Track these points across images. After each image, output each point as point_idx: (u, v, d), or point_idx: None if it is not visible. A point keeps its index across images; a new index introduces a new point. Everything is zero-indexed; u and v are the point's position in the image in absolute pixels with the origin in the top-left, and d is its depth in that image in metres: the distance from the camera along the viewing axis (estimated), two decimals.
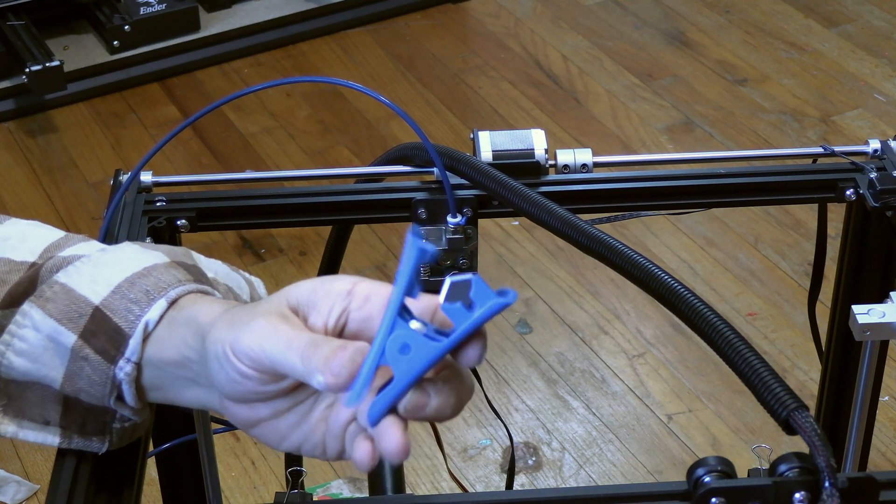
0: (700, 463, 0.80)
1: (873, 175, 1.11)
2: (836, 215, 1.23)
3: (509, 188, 1.06)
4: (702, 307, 0.87)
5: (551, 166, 1.15)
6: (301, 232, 2.52)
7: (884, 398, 2.12)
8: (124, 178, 1.11)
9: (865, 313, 0.99)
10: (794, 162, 1.19)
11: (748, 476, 1.04)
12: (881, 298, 1.01)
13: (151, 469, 1.08)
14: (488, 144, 1.14)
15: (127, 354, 0.78)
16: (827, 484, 0.76)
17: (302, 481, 1.35)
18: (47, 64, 2.73)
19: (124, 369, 0.78)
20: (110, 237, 1.06)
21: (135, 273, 0.80)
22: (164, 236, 1.10)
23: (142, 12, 2.95)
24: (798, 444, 0.78)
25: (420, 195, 1.12)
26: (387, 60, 3.04)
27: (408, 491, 1.84)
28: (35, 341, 0.80)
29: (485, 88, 2.93)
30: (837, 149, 1.16)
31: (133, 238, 1.06)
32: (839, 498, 0.76)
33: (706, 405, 2.13)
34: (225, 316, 0.74)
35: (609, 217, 1.20)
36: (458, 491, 1.93)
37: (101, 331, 0.78)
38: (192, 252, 0.85)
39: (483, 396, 1.37)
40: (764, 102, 2.84)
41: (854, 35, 3.06)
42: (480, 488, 2.00)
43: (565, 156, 1.15)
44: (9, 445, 2.09)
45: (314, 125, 2.83)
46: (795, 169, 1.16)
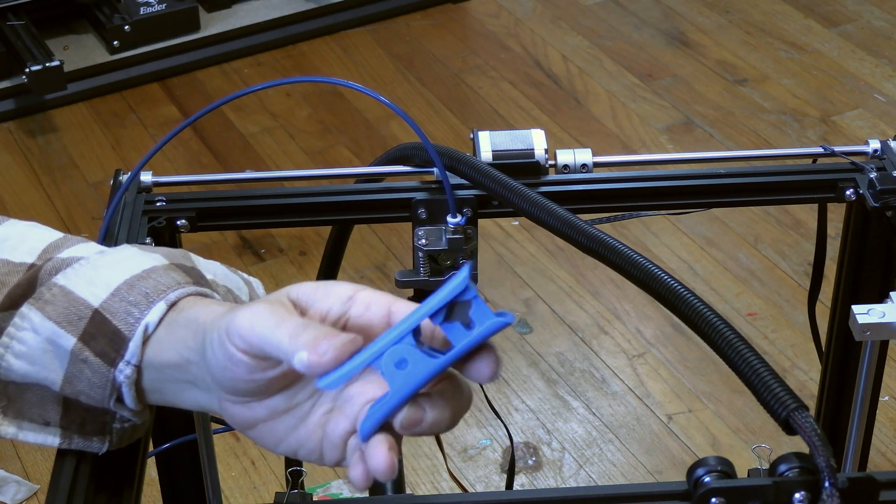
0: (700, 463, 0.80)
1: (873, 175, 1.11)
2: (836, 215, 1.23)
3: (509, 188, 1.06)
4: (702, 307, 0.87)
5: (551, 166, 1.15)
6: (301, 232, 2.52)
7: (884, 398, 2.12)
8: (124, 178, 1.11)
9: (865, 313, 0.99)
10: (794, 162, 1.19)
11: (748, 476, 1.04)
12: (881, 298, 1.01)
13: (151, 469, 1.08)
14: (488, 144, 1.14)
15: (127, 357, 0.78)
16: (827, 484, 0.76)
17: (302, 481, 1.35)
18: (47, 64, 2.73)
19: (124, 372, 0.78)
20: (110, 237, 1.06)
21: (134, 275, 0.80)
22: (164, 236, 1.10)
23: (142, 12, 2.95)
24: (798, 444, 0.78)
25: (420, 195, 1.12)
26: (387, 60, 3.04)
27: (408, 491, 1.84)
28: (34, 344, 0.80)
29: (485, 88, 2.93)
30: (837, 149, 1.16)
31: (133, 238, 1.06)
32: (839, 498, 0.76)
33: (706, 405, 2.13)
34: (226, 312, 0.75)
35: (609, 217, 1.20)
36: (458, 491, 1.93)
37: (101, 333, 0.78)
38: (191, 254, 0.85)
39: (483, 396, 1.37)
40: (764, 102, 2.84)
41: (854, 35, 3.06)
42: (480, 488, 2.00)
43: (565, 156, 1.15)
44: (9, 445, 2.09)
45: (314, 125, 2.83)
46: (795, 169, 1.16)
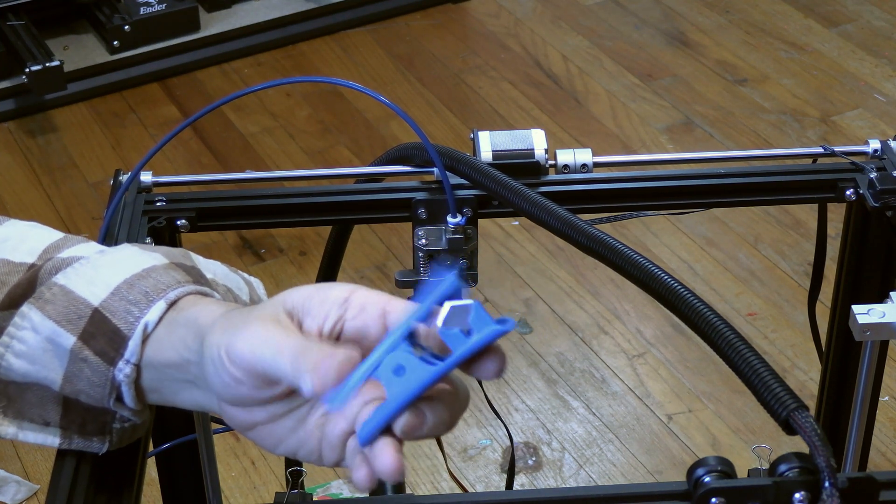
0: (700, 463, 0.80)
1: (873, 175, 1.11)
2: (836, 215, 1.23)
3: (509, 188, 1.06)
4: (702, 307, 0.87)
5: (551, 166, 1.15)
6: (301, 232, 2.52)
7: (884, 398, 2.12)
8: (124, 178, 1.11)
9: (865, 313, 0.99)
10: (794, 162, 1.19)
11: (748, 476, 1.04)
12: (881, 298, 1.01)
13: (151, 469, 1.08)
14: (488, 144, 1.14)
15: (126, 356, 0.78)
16: (827, 484, 0.76)
17: (302, 481, 1.35)
18: (47, 64, 2.73)
19: (123, 371, 0.78)
20: (110, 237, 1.06)
21: (134, 275, 0.80)
22: (164, 236, 1.10)
23: (142, 12, 2.95)
24: (798, 444, 0.78)
25: (420, 195, 1.12)
26: (387, 60, 3.04)
27: (408, 491, 1.83)
28: (34, 343, 0.80)
29: (485, 88, 2.92)
30: (837, 149, 1.16)
31: (133, 238, 1.06)
32: (839, 498, 0.76)
33: (706, 405, 2.13)
34: (222, 319, 0.74)
35: (609, 217, 1.20)
36: (458, 491, 1.93)
37: (101, 332, 0.78)
38: (191, 253, 0.85)
39: (483, 396, 1.37)
40: (764, 102, 2.84)
41: (854, 35, 3.06)
42: (480, 488, 2.00)
43: (565, 156, 1.15)
44: (9, 445, 2.09)
45: (314, 125, 2.83)
46: (795, 169, 1.16)
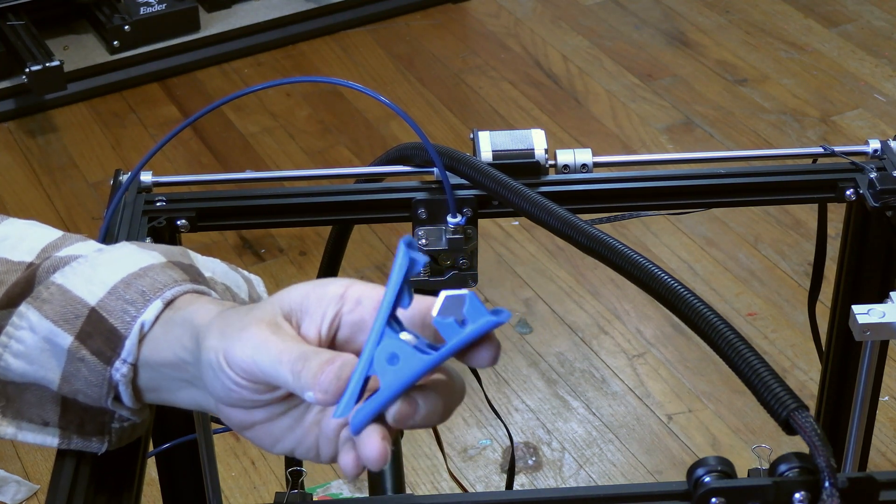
0: (700, 463, 0.80)
1: (873, 175, 1.11)
2: (836, 215, 1.23)
3: (509, 188, 1.06)
4: (702, 307, 0.87)
5: (551, 166, 1.15)
6: (301, 232, 2.52)
7: (884, 398, 2.12)
8: (124, 178, 1.11)
9: (865, 313, 0.99)
10: (794, 162, 1.19)
11: (748, 476, 1.04)
12: (881, 298, 1.01)
13: (151, 469, 1.08)
14: (488, 144, 1.14)
15: (123, 355, 0.78)
16: (827, 484, 0.76)
17: (302, 481, 1.35)
18: (47, 64, 2.73)
19: (120, 370, 0.78)
20: (110, 237, 1.06)
21: (131, 273, 0.79)
22: (164, 236, 1.10)
23: (142, 12, 2.95)
24: (798, 444, 0.78)
25: (420, 195, 1.12)
26: (387, 60, 3.04)
27: (408, 491, 1.83)
28: (32, 343, 0.79)
29: (485, 88, 2.92)
30: (837, 149, 1.16)
31: (133, 238, 1.06)
32: (839, 498, 0.76)
33: (706, 405, 2.13)
34: (218, 321, 0.74)
35: (609, 217, 1.20)
36: (458, 491, 1.93)
37: (97, 332, 0.78)
38: (190, 251, 0.85)
39: (483, 396, 1.37)
40: (764, 102, 2.84)
41: (854, 35, 3.06)
42: (480, 488, 2.00)
43: (565, 156, 1.15)
44: (9, 446, 2.09)
45: (314, 125, 2.83)
46: (795, 169, 1.16)
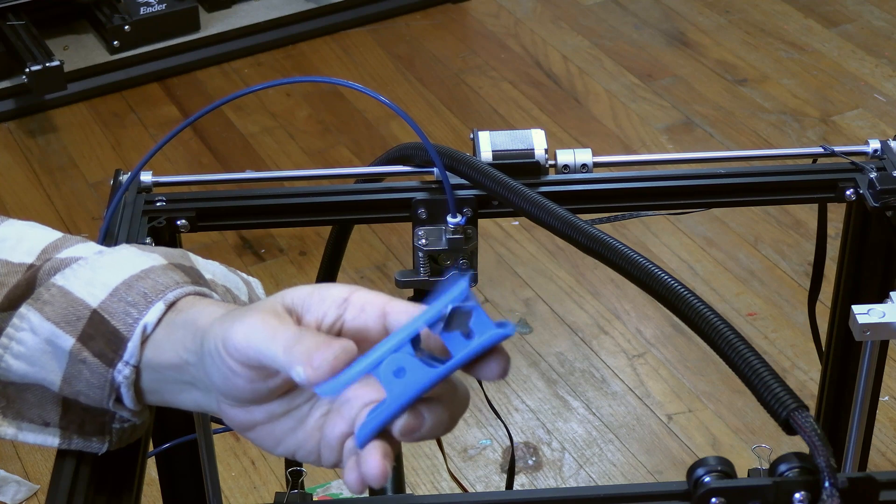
0: (700, 463, 0.80)
1: (873, 175, 1.11)
2: (836, 215, 1.23)
3: (509, 188, 1.06)
4: (702, 307, 0.87)
5: (551, 166, 1.15)
6: (301, 232, 2.51)
7: (884, 398, 2.12)
8: (124, 178, 1.11)
9: (865, 313, 0.99)
10: (794, 162, 1.19)
11: (748, 476, 1.04)
12: (881, 298, 1.01)
13: (151, 469, 1.08)
14: (488, 144, 1.14)
15: (125, 357, 0.78)
16: (827, 484, 0.76)
17: (302, 481, 1.35)
18: (47, 64, 2.73)
19: (123, 372, 0.78)
20: (110, 237, 1.06)
21: (132, 276, 0.79)
22: (164, 236, 1.10)
23: (142, 12, 2.95)
24: (798, 444, 0.78)
25: (420, 195, 1.12)
26: (387, 60, 3.04)
27: (408, 491, 1.83)
28: (33, 344, 0.79)
29: (485, 88, 2.92)
30: (837, 149, 1.16)
31: (133, 238, 1.06)
32: (839, 498, 0.76)
33: (706, 405, 2.13)
34: (221, 318, 0.74)
35: (609, 217, 1.20)
36: (458, 491, 1.93)
37: (99, 334, 0.78)
38: (190, 253, 0.85)
39: (483, 396, 1.37)
40: (764, 102, 2.84)
41: (854, 35, 3.06)
42: (480, 488, 2.00)
43: (565, 156, 1.15)
44: (9, 446, 2.09)
45: (314, 125, 2.83)
46: (795, 169, 1.16)
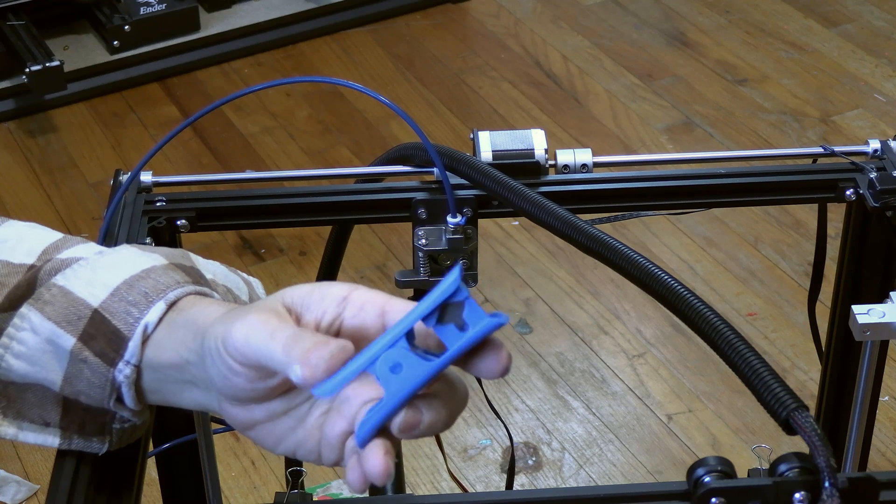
0: (700, 463, 0.80)
1: (873, 175, 1.11)
2: (836, 215, 1.23)
3: (509, 188, 1.06)
4: (702, 307, 0.87)
5: (551, 166, 1.15)
6: (301, 232, 2.51)
7: (884, 398, 2.12)
8: (124, 178, 1.11)
9: (865, 313, 0.99)
10: (794, 162, 1.19)
11: (748, 476, 1.04)
12: (881, 298, 1.01)
13: (151, 469, 1.08)
14: (488, 144, 1.14)
15: (126, 357, 0.78)
16: (827, 484, 0.76)
17: (302, 481, 1.35)
18: (47, 64, 2.73)
19: (123, 372, 0.78)
20: (110, 237, 1.06)
21: (133, 275, 0.79)
22: (164, 236, 1.10)
23: (142, 12, 2.95)
24: (798, 444, 0.78)
25: (420, 195, 1.12)
26: (387, 60, 3.04)
27: (408, 491, 1.83)
28: (34, 344, 0.80)
29: (485, 88, 2.92)
30: (837, 149, 1.16)
31: (133, 238, 1.06)
32: (839, 498, 0.76)
33: (706, 405, 2.13)
34: (222, 317, 0.74)
35: (609, 217, 1.20)
36: (458, 491, 1.93)
37: (100, 333, 0.78)
38: (190, 253, 0.85)
39: (483, 396, 1.37)
40: (764, 102, 2.84)
41: (854, 35, 3.06)
42: (480, 488, 2.00)
43: (565, 156, 1.15)
44: (9, 445, 2.09)
45: (314, 125, 2.83)
46: (795, 169, 1.16)
